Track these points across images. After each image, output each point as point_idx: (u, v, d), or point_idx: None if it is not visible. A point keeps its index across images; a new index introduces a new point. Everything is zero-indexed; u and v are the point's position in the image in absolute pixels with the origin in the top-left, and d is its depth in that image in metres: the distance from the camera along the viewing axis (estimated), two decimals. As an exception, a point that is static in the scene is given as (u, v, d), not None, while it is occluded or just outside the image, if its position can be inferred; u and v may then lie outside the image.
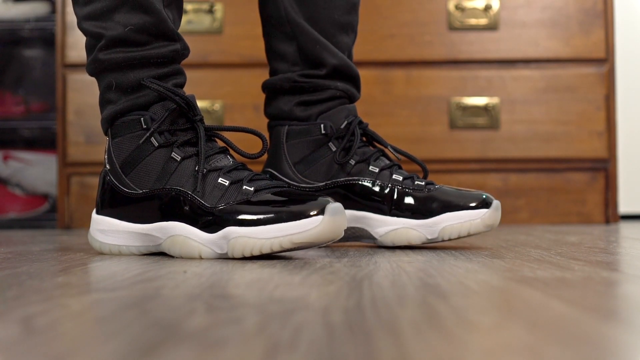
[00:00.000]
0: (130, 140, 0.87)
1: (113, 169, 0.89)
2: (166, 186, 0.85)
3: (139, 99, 0.88)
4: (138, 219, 0.87)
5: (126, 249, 0.88)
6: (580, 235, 1.22)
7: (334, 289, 0.56)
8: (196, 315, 0.44)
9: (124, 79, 0.88)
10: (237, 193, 0.82)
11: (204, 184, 0.83)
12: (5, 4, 1.96)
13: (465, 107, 1.77)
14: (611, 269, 0.69)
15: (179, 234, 0.83)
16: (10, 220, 1.93)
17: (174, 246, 0.84)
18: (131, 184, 0.87)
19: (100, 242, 0.90)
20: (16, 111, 2.02)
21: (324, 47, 1.02)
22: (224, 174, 0.83)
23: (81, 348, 0.36)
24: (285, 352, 0.34)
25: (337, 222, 0.78)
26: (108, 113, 0.89)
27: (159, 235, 0.85)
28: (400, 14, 1.79)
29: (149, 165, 0.86)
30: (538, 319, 0.43)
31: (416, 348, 0.35)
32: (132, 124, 0.87)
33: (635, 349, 0.35)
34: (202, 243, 0.81)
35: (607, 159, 1.77)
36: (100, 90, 0.91)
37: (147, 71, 0.88)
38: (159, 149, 0.86)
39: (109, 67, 0.88)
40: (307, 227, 0.78)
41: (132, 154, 0.87)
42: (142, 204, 0.86)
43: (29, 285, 0.60)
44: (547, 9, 1.78)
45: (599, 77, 1.77)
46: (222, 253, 0.81)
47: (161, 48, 0.88)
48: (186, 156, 0.85)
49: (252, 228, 0.79)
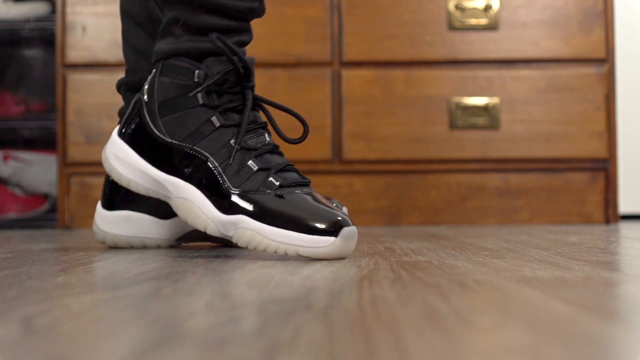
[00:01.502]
0: (177, 86, 0.85)
1: (150, 104, 0.87)
2: (195, 147, 0.83)
3: (201, 44, 0.85)
4: (156, 163, 0.85)
5: (134, 185, 0.87)
6: (580, 235, 1.22)
7: (334, 289, 0.56)
8: (196, 315, 0.44)
9: (192, 19, 0.85)
10: (261, 182, 0.80)
11: (233, 161, 0.81)
12: (5, 4, 1.96)
13: (465, 107, 1.77)
14: (611, 269, 0.69)
15: (190, 200, 0.82)
16: (10, 220, 1.93)
17: (182, 209, 0.83)
18: (163, 128, 0.85)
19: (113, 167, 0.88)
20: (16, 111, 2.02)
21: None
22: (255, 157, 0.82)
23: (81, 348, 0.36)
24: (285, 352, 0.34)
25: (347, 247, 0.77)
26: (167, 47, 0.86)
27: (170, 190, 0.84)
28: (400, 14, 1.79)
29: (186, 119, 0.84)
30: (538, 319, 0.43)
31: (416, 348, 0.35)
32: (185, 71, 0.85)
33: (635, 349, 0.35)
34: (210, 218, 0.80)
35: (607, 159, 1.77)
36: (164, 20, 0.88)
37: (218, 19, 0.86)
38: (201, 107, 0.84)
39: (185, 0, 0.85)
40: (317, 244, 0.76)
41: (175, 100, 0.85)
42: (166, 151, 0.85)
43: (29, 285, 0.60)
44: (547, 9, 1.78)
45: (599, 77, 1.77)
46: (227, 235, 0.80)
47: (239, 1, 0.86)
48: (225, 125, 0.83)
49: (264, 226, 0.78)
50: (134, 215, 1.00)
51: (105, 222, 1.01)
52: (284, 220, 0.77)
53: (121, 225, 1.00)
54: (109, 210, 1.01)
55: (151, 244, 1.00)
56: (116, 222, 1.00)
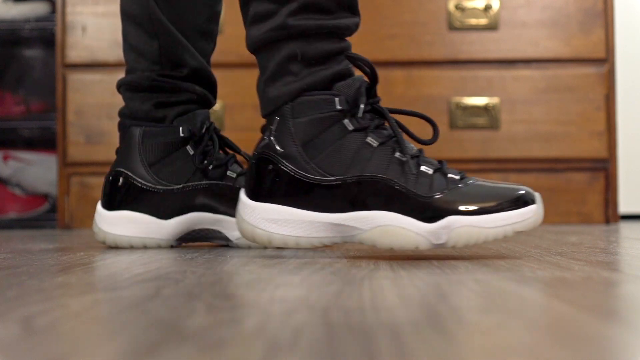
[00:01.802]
0: (319, 121, 0.81)
1: (289, 153, 0.81)
2: (364, 173, 0.79)
3: (325, 72, 0.82)
4: (326, 207, 0.80)
5: (305, 241, 0.81)
6: (580, 235, 1.22)
7: (334, 289, 0.56)
8: (196, 315, 0.44)
9: (310, 49, 0.81)
10: (445, 181, 0.79)
11: (409, 171, 0.79)
12: (5, 4, 1.96)
13: (465, 107, 1.77)
14: (611, 269, 0.69)
15: (390, 224, 0.78)
16: (10, 220, 1.93)
17: (385, 237, 0.79)
18: (319, 169, 0.80)
19: (272, 233, 0.81)
20: (16, 111, 2.02)
21: (186, 49, 1.03)
22: (422, 162, 0.80)
23: (81, 348, 0.36)
24: (285, 352, 0.34)
25: (542, 212, 0.79)
26: (288, 88, 0.82)
27: (357, 226, 0.79)
28: (400, 14, 1.79)
29: (341, 150, 0.80)
30: (538, 319, 0.43)
31: (416, 348, 0.35)
32: (322, 103, 0.81)
33: (635, 349, 0.35)
34: (419, 233, 0.78)
35: (607, 159, 1.77)
36: (277, 61, 0.83)
37: (331, 43, 0.82)
38: (353, 132, 0.80)
39: (296, 34, 0.81)
40: (525, 215, 0.78)
41: (320, 137, 0.80)
42: (333, 191, 0.80)
43: (29, 285, 0.60)
44: (547, 9, 1.78)
45: (599, 77, 1.78)
46: (439, 243, 0.78)
47: (346, 19, 0.83)
48: (382, 141, 0.80)
49: (477, 217, 0.77)
50: (134, 216, 1.00)
51: (105, 222, 1.01)
52: (490, 206, 0.78)
53: (122, 225, 1.00)
54: (109, 211, 1.01)
55: (151, 244, 1.00)
56: (116, 222, 1.00)
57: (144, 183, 1.00)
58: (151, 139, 1.01)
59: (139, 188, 1.00)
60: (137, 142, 1.01)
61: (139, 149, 1.01)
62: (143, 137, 1.01)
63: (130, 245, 1.00)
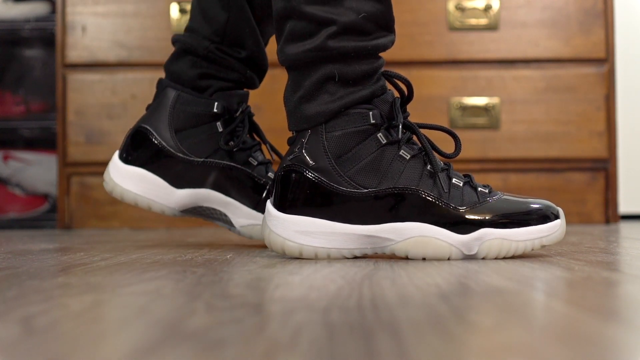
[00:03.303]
0: (353, 135, 0.82)
1: (322, 166, 0.82)
2: (397, 185, 0.81)
3: (362, 93, 0.83)
4: (359, 219, 0.81)
5: (336, 252, 0.82)
6: (580, 235, 1.22)
7: (334, 289, 0.56)
8: (196, 315, 0.44)
9: (348, 70, 0.82)
10: (475, 193, 0.82)
11: (442, 184, 0.81)
12: (5, 4, 1.96)
13: (465, 107, 1.77)
14: (611, 269, 0.69)
15: (424, 235, 0.80)
16: (10, 220, 1.93)
17: (418, 247, 0.80)
18: (353, 182, 0.81)
19: (303, 245, 0.82)
20: (16, 111, 2.02)
21: (251, 30, 1.01)
22: (452, 175, 0.83)
23: (81, 348, 0.36)
24: (285, 352, 0.34)
25: (565, 226, 0.83)
26: (323, 108, 0.82)
27: (391, 237, 0.81)
28: (400, 14, 1.79)
29: (375, 163, 0.82)
30: (538, 319, 0.43)
31: (416, 348, 0.35)
32: (357, 117, 0.82)
33: (635, 349, 0.35)
34: (453, 244, 0.80)
35: (607, 159, 1.77)
36: (313, 80, 0.83)
37: (368, 63, 0.84)
38: (386, 146, 0.82)
39: (335, 56, 0.82)
40: (552, 230, 0.81)
41: (354, 150, 0.82)
42: (367, 203, 0.81)
43: (29, 285, 0.60)
44: (547, 9, 1.78)
45: (599, 77, 1.78)
46: (470, 254, 0.80)
47: (382, 38, 0.84)
48: (414, 154, 0.83)
49: (508, 230, 0.80)
50: (148, 176, 0.99)
51: (118, 174, 0.99)
52: (521, 219, 0.81)
53: (133, 181, 0.99)
54: (125, 164, 1.00)
55: (156, 208, 0.99)
56: (130, 176, 0.99)
57: (165, 146, 0.99)
58: (184, 105, 1.00)
59: (160, 150, 0.99)
60: (169, 104, 1.00)
61: (170, 112, 1.00)
62: (176, 102, 1.00)
63: (135, 203, 0.99)
